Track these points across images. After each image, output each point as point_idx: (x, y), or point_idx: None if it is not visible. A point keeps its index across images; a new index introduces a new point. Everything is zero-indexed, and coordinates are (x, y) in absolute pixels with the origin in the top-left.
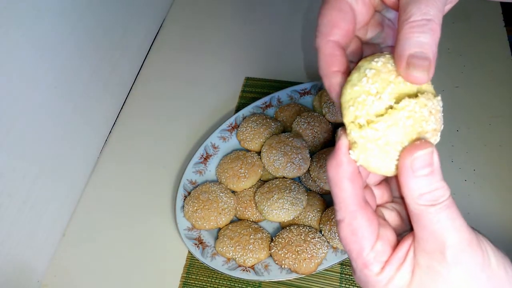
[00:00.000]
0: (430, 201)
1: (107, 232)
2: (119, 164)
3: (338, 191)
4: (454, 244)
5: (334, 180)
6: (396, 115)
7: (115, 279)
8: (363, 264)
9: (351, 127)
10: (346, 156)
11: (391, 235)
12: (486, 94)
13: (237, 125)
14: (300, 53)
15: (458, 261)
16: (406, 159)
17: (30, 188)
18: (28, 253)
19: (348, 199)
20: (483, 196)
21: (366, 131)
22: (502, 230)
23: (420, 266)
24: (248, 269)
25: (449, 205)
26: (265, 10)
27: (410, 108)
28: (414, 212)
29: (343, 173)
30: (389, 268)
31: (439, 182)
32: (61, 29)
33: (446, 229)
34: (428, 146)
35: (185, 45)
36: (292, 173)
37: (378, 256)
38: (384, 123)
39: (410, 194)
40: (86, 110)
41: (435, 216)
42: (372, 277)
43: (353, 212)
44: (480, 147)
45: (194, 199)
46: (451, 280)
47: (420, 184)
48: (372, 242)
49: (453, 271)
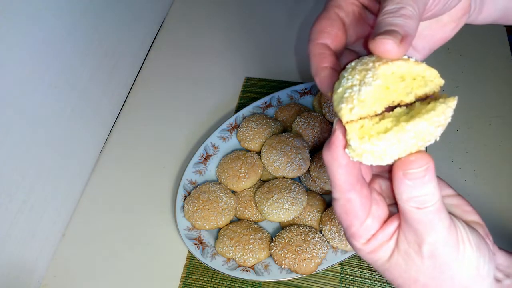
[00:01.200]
0: (417, 204)
1: (107, 232)
2: (119, 164)
3: (333, 177)
4: (431, 242)
5: (329, 168)
6: (401, 135)
7: (115, 279)
8: (352, 235)
9: (351, 135)
10: (341, 151)
11: (382, 211)
12: (486, 94)
13: (237, 125)
14: (300, 53)
15: (431, 255)
16: (399, 171)
17: (30, 188)
18: (28, 253)
19: (342, 184)
20: (483, 196)
21: (365, 145)
22: (502, 230)
23: (399, 249)
24: (248, 269)
25: (435, 209)
26: (265, 10)
27: (417, 129)
28: (401, 207)
29: (337, 164)
30: (374, 242)
31: (429, 189)
32: (61, 29)
33: (426, 230)
34: (423, 163)
35: (185, 45)
36: (292, 173)
37: (367, 230)
38: (387, 141)
39: (399, 195)
40: (86, 110)
41: (419, 217)
42: (358, 245)
43: (346, 194)
44: (480, 147)
45: (194, 199)
46: (423, 269)
47: (409, 190)
48: (362, 219)
49: (426, 263)
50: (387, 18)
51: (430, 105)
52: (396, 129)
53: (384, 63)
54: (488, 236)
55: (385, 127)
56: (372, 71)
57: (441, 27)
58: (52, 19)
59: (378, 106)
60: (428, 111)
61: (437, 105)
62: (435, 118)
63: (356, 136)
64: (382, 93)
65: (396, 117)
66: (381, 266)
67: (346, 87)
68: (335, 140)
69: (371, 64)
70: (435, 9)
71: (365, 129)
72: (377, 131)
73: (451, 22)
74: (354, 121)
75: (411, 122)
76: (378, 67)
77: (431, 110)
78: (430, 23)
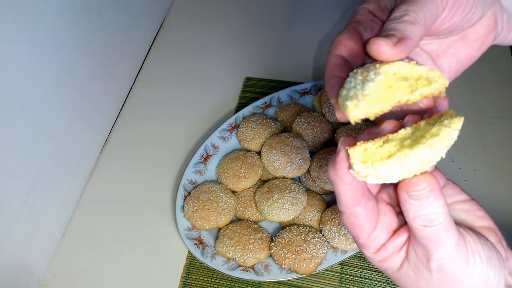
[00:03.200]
0: (424, 222)
1: (107, 232)
2: (119, 164)
3: (338, 193)
4: (439, 258)
5: (335, 184)
6: (404, 162)
7: (115, 279)
8: (361, 245)
9: (354, 159)
10: (345, 170)
11: (391, 221)
12: (486, 94)
13: (237, 125)
14: (300, 53)
15: (440, 270)
16: (403, 193)
17: (30, 188)
18: (28, 253)
19: (347, 200)
20: (483, 196)
21: (368, 170)
22: (502, 230)
23: (409, 261)
24: (248, 269)
25: (442, 227)
26: (265, 10)
27: (420, 156)
28: (409, 224)
29: (342, 181)
30: (383, 252)
31: (435, 209)
32: (61, 30)
33: (434, 246)
34: (427, 185)
35: (185, 45)
36: (292, 173)
37: (375, 241)
38: (389, 167)
39: (406, 212)
40: (86, 110)
41: (426, 235)
42: (368, 255)
43: (351, 209)
44: (480, 147)
45: (194, 199)
46: (432, 283)
47: (415, 209)
48: (369, 231)
49: (434, 276)
50: (390, 24)
51: (434, 129)
52: (399, 155)
53: (386, 63)
54: (501, 241)
55: (388, 152)
56: (373, 71)
57: (466, 44)
58: (52, 19)
59: (384, 104)
60: (432, 136)
61: (441, 129)
62: (439, 144)
63: (359, 160)
64: (387, 92)
65: (400, 140)
66: (391, 275)
67: (349, 87)
68: (339, 161)
69: (372, 66)
70: (453, 21)
71: (368, 153)
72: (380, 156)
73: (476, 40)
74: (357, 145)
75: (415, 148)
76: (379, 67)
77: (435, 136)
78: (455, 41)
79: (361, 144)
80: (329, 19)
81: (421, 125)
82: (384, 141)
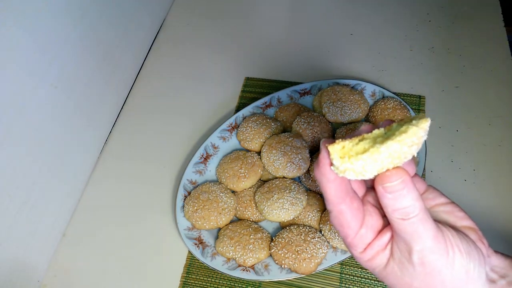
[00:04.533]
0: (401, 215)
1: (107, 232)
2: (119, 164)
3: (324, 191)
4: (419, 250)
5: (321, 183)
6: (377, 156)
7: (115, 279)
8: (349, 244)
9: (333, 155)
10: (328, 168)
11: (376, 221)
12: (486, 94)
13: (237, 125)
14: (300, 53)
15: (421, 262)
16: (379, 185)
17: (30, 188)
18: (28, 253)
19: (333, 198)
20: (483, 196)
21: (346, 164)
22: (502, 230)
23: (393, 257)
24: (248, 269)
25: (418, 220)
26: (265, 10)
27: (391, 150)
28: (389, 219)
29: (327, 179)
30: (370, 251)
31: (409, 201)
32: (62, 28)
33: (413, 239)
34: (398, 177)
35: (185, 45)
36: (292, 173)
37: (362, 240)
38: (364, 161)
39: (385, 208)
40: (87, 110)
41: (404, 227)
42: (356, 255)
43: (338, 207)
44: (480, 147)
45: (194, 199)
46: (415, 276)
47: (392, 203)
48: (356, 230)
49: (417, 269)
50: None
51: (403, 128)
52: (371, 150)
53: None
54: (481, 240)
55: (363, 148)
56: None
57: None
58: (52, 19)
59: None
60: (401, 133)
61: (409, 127)
62: (407, 139)
63: (337, 156)
64: None
65: (373, 138)
66: (379, 274)
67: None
68: (321, 159)
69: None
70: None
71: (345, 150)
72: (356, 152)
73: None
74: (336, 143)
75: (385, 144)
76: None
77: (403, 133)
78: None
79: (339, 142)
80: (329, 19)
81: (393, 126)
82: (360, 139)
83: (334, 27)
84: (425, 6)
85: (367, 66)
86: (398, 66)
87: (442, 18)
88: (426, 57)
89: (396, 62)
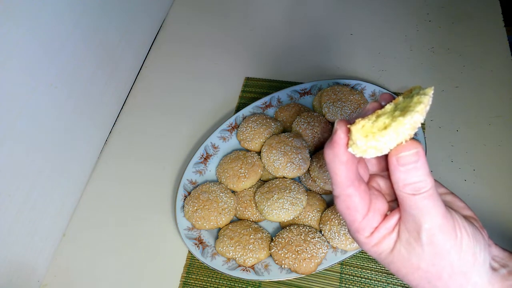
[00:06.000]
0: (412, 191)
1: (107, 232)
2: (119, 164)
3: (334, 174)
4: (428, 228)
5: (331, 165)
6: (400, 129)
7: (115, 279)
8: (356, 229)
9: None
10: (343, 149)
11: (382, 204)
12: (486, 94)
13: (237, 125)
14: (300, 53)
15: (430, 242)
16: (393, 157)
17: (30, 188)
18: (28, 253)
19: (343, 181)
20: (483, 196)
21: (371, 142)
22: (502, 230)
23: (401, 239)
24: (248, 269)
25: (429, 195)
26: (265, 10)
27: (412, 121)
28: (399, 196)
29: (339, 161)
30: (377, 235)
31: (422, 176)
32: (62, 28)
33: (422, 215)
34: (414, 147)
35: (185, 45)
36: (292, 173)
37: (369, 224)
38: (388, 136)
39: (396, 182)
40: (87, 110)
41: (415, 203)
42: (362, 239)
43: (346, 190)
44: (480, 147)
45: (194, 199)
46: (423, 256)
47: (404, 176)
48: (364, 213)
49: (425, 249)
50: None
51: (416, 99)
52: (395, 124)
53: None
54: (482, 229)
55: (383, 123)
56: None
57: None
58: (52, 19)
59: None
60: (417, 103)
61: (421, 97)
62: (424, 108)
63: (361, 136)
64: None
65: (389, 113)
66: (385, 259)
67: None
68: (337, 139)
69: None
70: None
71: (366, 128)
72: (378, 128)
73: None
74: (356, 123)
75: (408, 116)
76: None
77: (420, 103)
78: None
79: (359, 121)
80: (329, 19)
81: (400, 99)
82: (377, 116)
83: (334, 27)
84: (425, 6)
85: (367, 66)
86: (398, 66)
87: (442, 18)
88: (426, 57)
89: (396, 62)
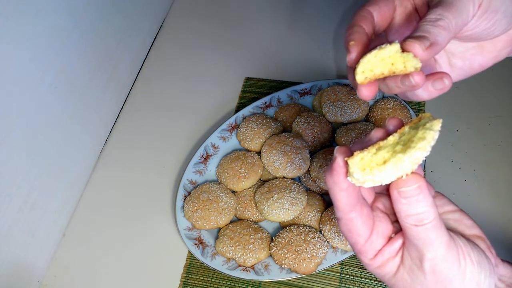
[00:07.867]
0: (415, 221)
1: (107, 232)
2: (119, 164)
3: (335, 200)
4: (431, 258)
5: (331, 191)
6: (399, 165)
7: (115, 279)
8: (359, 251)
9: (353, 169)
10: (342, 177)
11: (386, 227)
12: (486, 94)
13: (237, 125)
14: (300, 54)
15: (433, 270)
16: (394, 190)
17: (30, 188)
18: (28, 253)
19: (344, 206)
20: (483, 196)
21: (368, 176)
22: (502, 230)
23: (404, 265)
24: (248, 269)
25: (432, 226)
26: (265, 10)
27: (412, 158)
28: (402, 225)
29: (339, 188)
30: (381, 258)
31: (424, 207)
32: (61, 29)
33: (425, 246)
34: (415, 182)
35: (185, 46)
36: (292, 173)
37: (372, 246)
38: (386, 172)
39: (398, 213)
40: (86, 110)
41: (418, 234)
42: (366, 261)
43: (348, 214)
44: (480, 147)
45: (194, 199)
46: (426, 284)
47: (406, 208)
48: (366, 237)
49: (428, 278)
50: (425, 25)
51: (420, 133)
52: (394, 160)
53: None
54: (490, 249)
55: (383, 158)
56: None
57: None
58: (52, 19)
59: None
60: (420, 139)
61: (426, 132)
62: (427, 146)
63: (358, 169)
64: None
65: (391, 146)
66: (388, 281)
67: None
68: (336, 167)
69: None
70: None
71: (365, 162)
72: (377, 163)
73: (492, 52)
74: (354, 155)
75: (407, 153)
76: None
77: (423, 140)
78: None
79: (358, 153)
80: (329, 19)
81: (406, 130)
82: (377, 149)
83: (334, 27)
84: None
85: None
86: None
87: None
88: None
89: None
